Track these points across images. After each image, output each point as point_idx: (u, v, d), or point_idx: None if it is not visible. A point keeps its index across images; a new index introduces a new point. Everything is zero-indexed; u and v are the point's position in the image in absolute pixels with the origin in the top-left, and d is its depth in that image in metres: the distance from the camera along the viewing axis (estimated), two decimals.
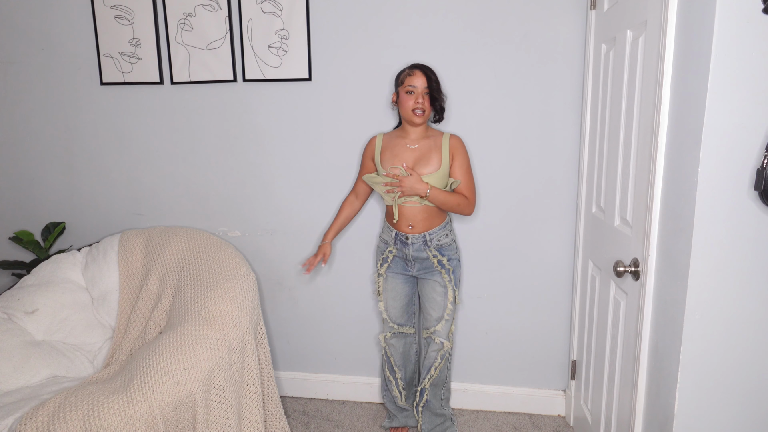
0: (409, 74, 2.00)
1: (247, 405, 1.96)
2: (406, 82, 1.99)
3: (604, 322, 1.92)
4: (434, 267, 2.09)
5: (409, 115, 2.00)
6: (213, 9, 2.29)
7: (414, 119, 2.00)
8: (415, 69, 2.00)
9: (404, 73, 2.02)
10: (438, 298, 2.11)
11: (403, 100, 2.00)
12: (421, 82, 1.98)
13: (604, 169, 1.92)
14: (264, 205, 2.48)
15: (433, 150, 2.02)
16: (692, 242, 1.29)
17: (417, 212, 2.03)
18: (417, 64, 2.03)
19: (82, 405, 1.54)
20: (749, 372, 1.35)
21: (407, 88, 1.98)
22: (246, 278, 2.12)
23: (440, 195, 1.97)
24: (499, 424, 2.40)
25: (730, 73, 1.21)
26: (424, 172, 1.99)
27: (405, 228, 2.06)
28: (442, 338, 2.13)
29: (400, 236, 2.07)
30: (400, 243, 2.08)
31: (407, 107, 1.99)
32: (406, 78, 2.00)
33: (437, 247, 2.07)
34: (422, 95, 1.98)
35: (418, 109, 1.98)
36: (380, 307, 2.23)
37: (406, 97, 1.99)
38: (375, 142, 2.12)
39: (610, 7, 1.86)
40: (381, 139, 2.12)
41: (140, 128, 2.48)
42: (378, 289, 2.21)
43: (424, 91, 1.98)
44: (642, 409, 1.59)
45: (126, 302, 2.24)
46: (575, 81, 2.16)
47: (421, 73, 1.99)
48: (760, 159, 1.23)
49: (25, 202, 2.64)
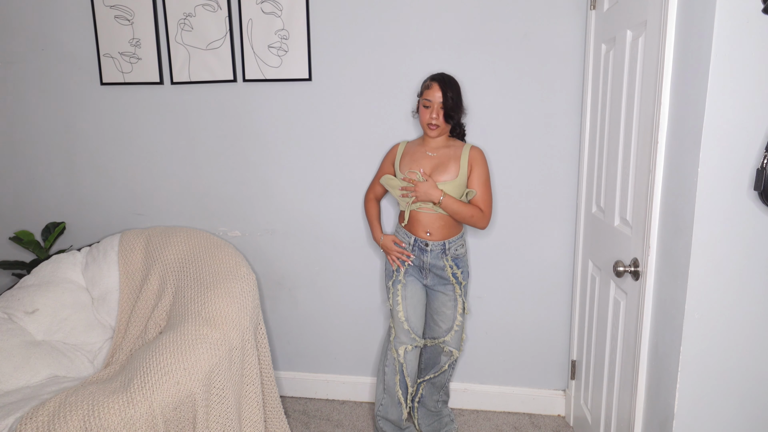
0: (428, 87, 1.97)
1: (247, 405, 1.96)
2: (424, 94, 1.98)
3: (604, 322, 1.92)
4: (448, 279, 2.06)
5: (424, 128, 2.01)
6: (213, 9, 2.29)
7: (429, 132, 2.00)
8: (433, 81, 1.97)
9: (425, 83, 2.00)
10: (447, 312, 2.09)
11: (421, 112, 2.00)
12: (437, 96, 1.95)
13: (604, 169, 1.92)
14: (264, 205, 2.48)
15: (451, 159, 2.00)
16: (692, 242, 1.29)
17: (434, 219, 2.01)
18: (437, 75, 1.99)
19: (83, 405, 1.54)
20: (749, 372, 1.35)
21: (424, 101, 1.98)
22: (246, 278, 2.12)
23: (454, 204, 1.94)
24: (499, 424, 2.40)
25: (730, 73, 1.21)
26: (440, 180, 1.97)
27: (423, 234, 2.03)
28: (452, 347, 2.13)
29: (419, 242, 2.04)
30: (419, 250, 2.04)
31: (423, 120, 1.99)
32: (425, 90, 1.99)
33: (453, 257, 2.05)
34: (437, 110, 1.95)
35: (432, 124, 1.97)
36: (400, 317, 2.07)
37: (423, 110, 1.99)
38: (398, 147, 2.13)
39: (610, 7, 1.86)
40: (404, 145, 2.13)
41: (140, 128, 2.48)
42: (396, 298, 2.09)
43: (440, 106, 1.95)
44: (642, 409, 1.59)
45: (126, 302, 2.24)
46: (575, 81, 2.16)
47: (438, 86, 1.95)
48: (760, 159, 1.23)
49: (25, 202, 2.64)
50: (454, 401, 2.50)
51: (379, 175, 2.18)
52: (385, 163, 2.17)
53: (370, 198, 2.23)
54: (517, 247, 2.34)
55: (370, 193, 2.24)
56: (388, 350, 2.15)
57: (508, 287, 2.39)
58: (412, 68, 2.23)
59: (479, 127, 2.26)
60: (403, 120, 2.29)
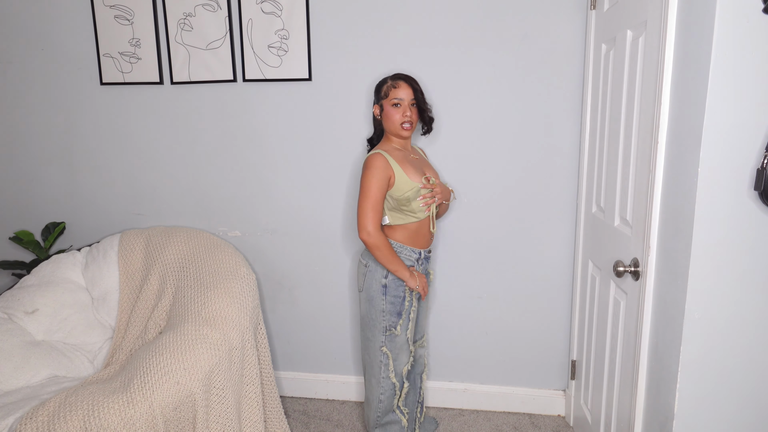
0: (394, 86, 1.88)
1: (247, 405, 1.96)
2: (391, 94, 1.87)
3: (604, 322, 1.92)
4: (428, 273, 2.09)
5: (396, 129, 1.89)
6: (213, 9, 2.29)
7: (402, 132, 1.90)
8: (398, 80, 1.89)
9: (387, 84, 1.89)
10: (427, 303, 2.16)
11: (390, 113, 1.88)
12: (407, 93, 1.87)
13: (604, 169, 1.92)
14: (264, 205, 2.48)
15: (424, 159, 2.05)
16: (692, 242, 1.29)
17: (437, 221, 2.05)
18: (400, 74, 1.92)
19: (82, 405, 1.54)
20: (749, 372, 1.35)
21: (393, 100, 1.87)
22: (246, 278, 2.12)
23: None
24: (499, 424, 2.40)
25: (730, 73, 1.21)
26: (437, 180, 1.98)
27: (429, 240, 1.97)
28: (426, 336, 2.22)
29: (424, 253, 1.97)
30: (424, 260, 1.98)
31: (394, 120, 1.88)
32: (390, 90, 1.88)
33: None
34: (409, 107, 1.88)
35: (406, 122, 1.88)
36: (407, 335, 1.95)
37: (392, 110, 1.88)
38: (386, 161, 1.84)
39: (610, 7, 1.86)
40: (388, 157, 1.86)
41: (140, 128, 2.48)
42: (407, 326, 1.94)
43: (411, 103, 1.89)
44: (642, 409, 1.59)
45: (126, 302, 2.24)
46: (575, 81, 2.16)
47: (406, 84, 1.88)
48: (760, 159, 1.23)
49: (25, 202, 2.64)
50: (454, 401, 2.51)
51: (375, 196, 1.82)
52: (380, 182, 1.82)
53: (380, 230, 1.84)
54: (517, 246, 2.34)
55: (375, 222, 1.83)
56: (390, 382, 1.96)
57: (508, 287, 2.39)
58: (413, 68, 2.23)
59: (479, 127, 2.26)
60: None
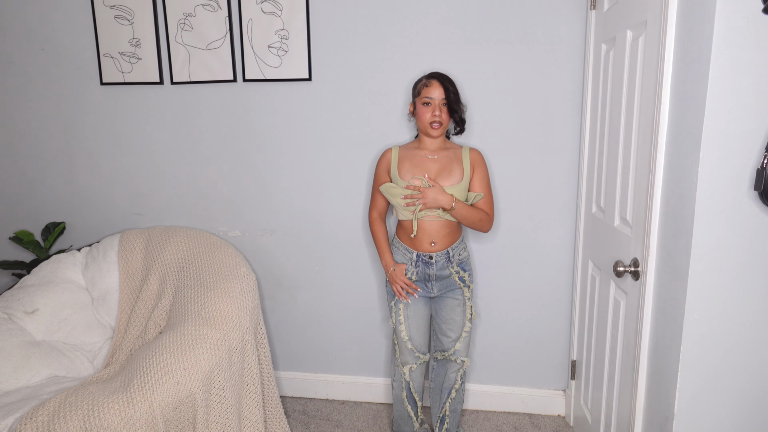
0: (426, 84, 1.91)
1: (247, 405, 1.96)
2: (423, 93, 1.90)
3: (604, 322, 1.92)
4: (455, 284, 2.00)
5: (426, 128, 1.92)
6: (213, 9, 2.29)
7: (431, 132, 1.92)
8: (432, 79, 1.91)
9: (421, 83, 1.93)
10: (456, 318, 2.01)
11: (420, 111, 1.92)
12: (438, 93, 1.89)
13: (604, 169, 1.92)
14: (264, 205, 2.48)
15: (454, 161, 1.94)
16: (692, 242, 1.29)
17: (439, 227, 1.93)
18: (434, 73, 1.94)
19: (82, 405, 1.54)
20: (749, 372, 1.35)
21: (424, 99, 1.90)
22: (246, 278, 2.12)
23: (464, 208, 1.89)
24: (499, 424, 2.40)
25: (730, 73, 1.21)
26: (446, 184, 1.90)
27: (427, 246, 1.95)
28: (462, 357, 2.05)
29: (422, 257, 1.96)
30: (423, 264, 1.96)
31: (424, 119, 1.91)
32: (422, 89, 1.91)
33: (458, 262, 1.99)
34: (439, 107, 1.89)
35: (436, 122, 1.89)
36: (403, 336, 2.02)
37: (423, 108, 1.91)
38: (390, 154, 1.99)
39: (610, 7, 1.86)
40: (397, 151, 2.00)
41: (140, 128, 2.48)
42: (399, 317, 2.02)
43: (442, 102, 1.89)
44: (642, 409, 1.59)
45: (126, 302, 2.24)
46: (575, 81, 2.16)
47: (438, 83, 1.89)
48: (760, 159, 1.23)
49: (25, 202, 2.64)
50: None
51: (376, 186, 2.04)
52: (380, 172, 2.01)
53: (375, 218, 2.08)
54: (517, 247, 2.34)
55: (374, 211, 2.08)
56: (395, 366, 2.11)
57: (508, 287, 2.39)
58: (413, 68, 2.23)
59: (479, 127, 2.26)
60: (403, 120, 2.29)
